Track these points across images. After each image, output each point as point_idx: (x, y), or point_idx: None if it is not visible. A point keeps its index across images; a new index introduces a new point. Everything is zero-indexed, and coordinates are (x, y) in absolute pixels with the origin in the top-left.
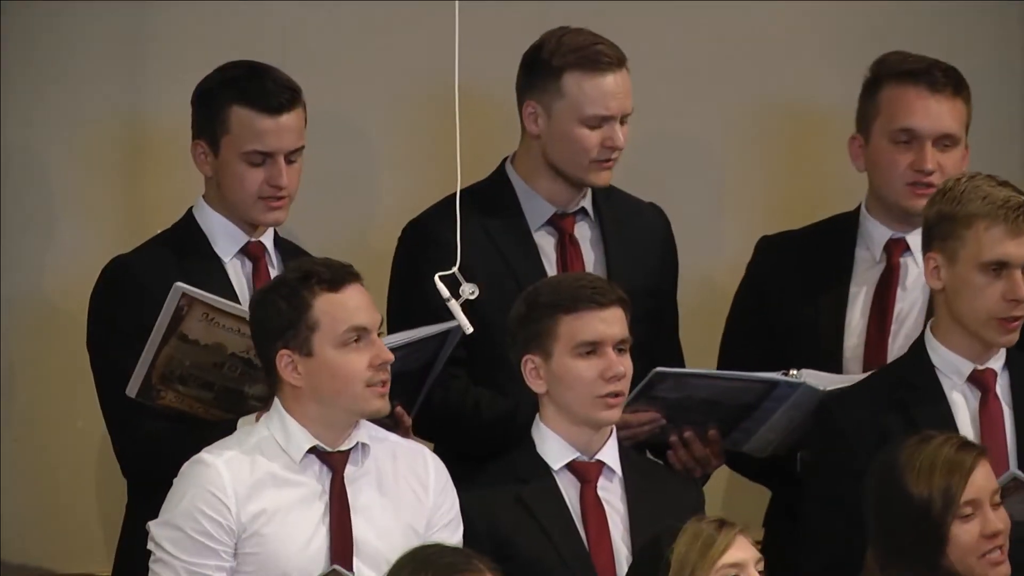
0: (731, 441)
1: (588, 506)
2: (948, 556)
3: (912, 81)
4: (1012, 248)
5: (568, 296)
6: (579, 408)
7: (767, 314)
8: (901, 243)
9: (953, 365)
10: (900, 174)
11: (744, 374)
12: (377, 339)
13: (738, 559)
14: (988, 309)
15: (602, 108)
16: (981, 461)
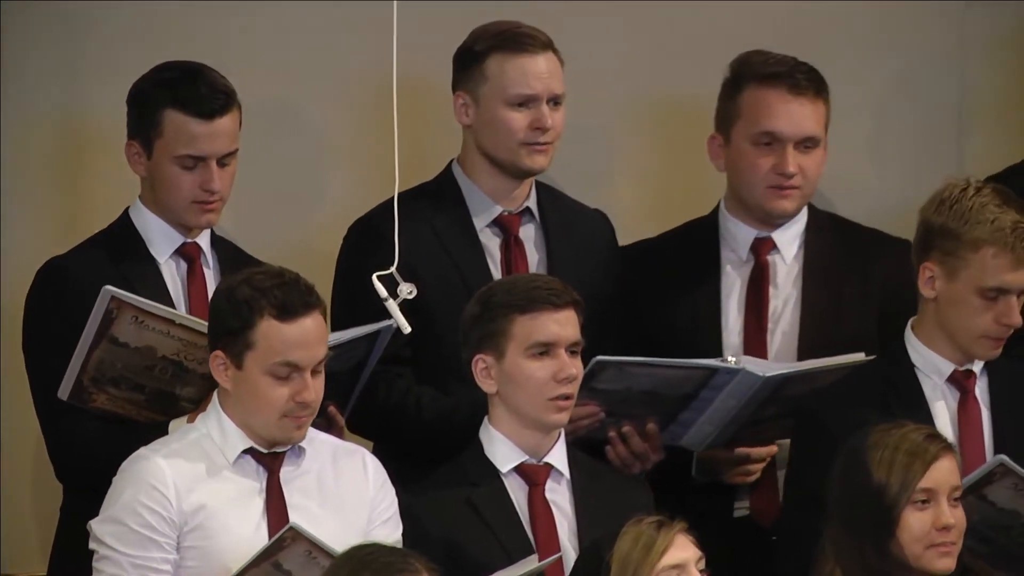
0: (669, 435)
1: (536, 509)
2: (897, 541)
3: (774, 84)
4: (1014, 277)
5: (523, 296)
6: (529, 409)
7: (641, 323)
8: (767, 242)
9: (934, 365)
10: (762, 177)
11: (684, 360)
12: (308, 377)
13: (679, 559)
14: (980, 330)
15: (525, 87)
16: (946, 454)
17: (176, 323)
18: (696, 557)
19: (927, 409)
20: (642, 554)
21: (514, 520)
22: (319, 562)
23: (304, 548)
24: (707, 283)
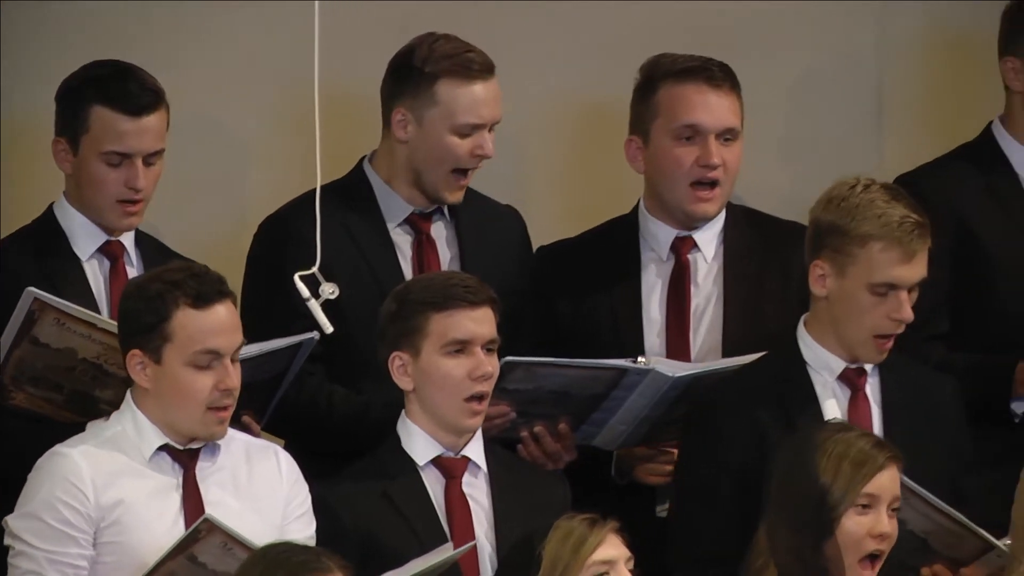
0: (582, 435)
1: (453, 502)
2: (835, 542)
3: (691, 78)
4: (903, 271)
5: (440, 294)
6: (444, 409)
7: (559, 323)
8: (688, 241)
9: (825, 363)
10: (685, 172)
11: (593, 361)
12: (228, 364)
13: (609, 556)
14: (871, 326)
15: (475, 116)
16: (893, 464)
17: (98, 327)
18: (626, 556)
19: (818, 406)
20: (573, 550)
21: (430, 513)
22: (235, 554)
23: (220, 540)
24: (628, 283)
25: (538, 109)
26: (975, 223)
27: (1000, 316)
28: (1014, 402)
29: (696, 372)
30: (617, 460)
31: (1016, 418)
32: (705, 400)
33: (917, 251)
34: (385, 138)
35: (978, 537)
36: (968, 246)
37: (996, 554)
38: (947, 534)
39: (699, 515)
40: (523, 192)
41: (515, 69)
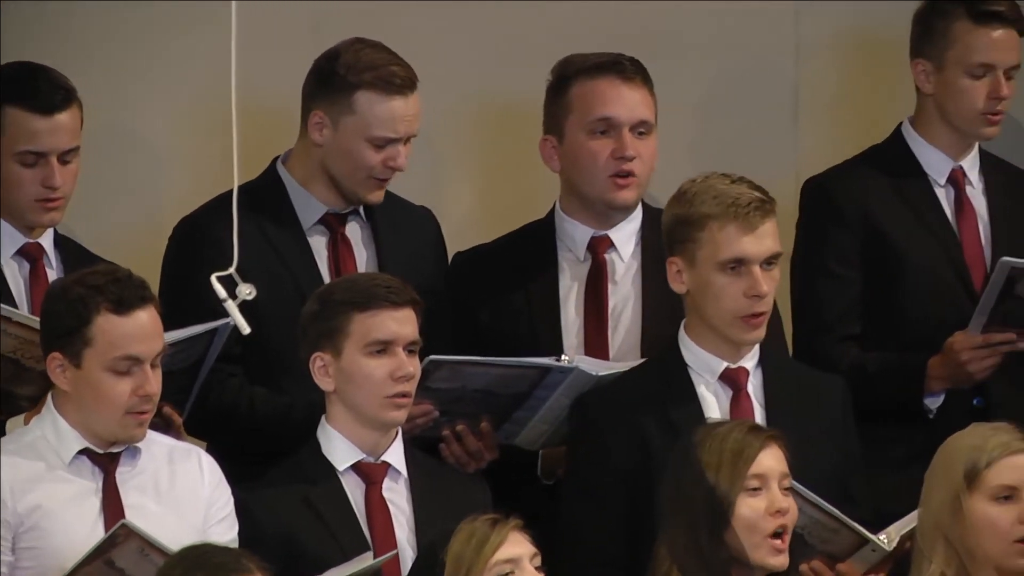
0: (504, 433)
1: (373, 507)
2: (733, 531)
3: (603, 73)
4: (748, 245)
5: (363, 294)
6: (367, 408)
7: (477, 328)
8: (604, 240)
9: (705, 363)
10: (602, 166)
11: (518, 360)
12: (148, 369)
13: (512, 555)
14: (732, 308)
15: (391, 131)
16: (771, 443)
17: (13, 320)
18: (531, 553)
19: (700, 408)
20: (475, 550)
21: (351, 518)
22: (152, 559)
23: (137, 545)
24: (545, 284)
25: (452, 110)
26: (885, 224)
27: (911, 316)
28: (927, 398)
29: (619, 371)
30: (543, 460)
31: (930, 414)
32: (589, 405)
33: (757, 224)
34: (302, 138)
35: (853, 532)
36: (878, 247)
37: (871, 548)
38: (822, 528)
39: (587, 520)
40: (437, 194)
41: (429, 70)
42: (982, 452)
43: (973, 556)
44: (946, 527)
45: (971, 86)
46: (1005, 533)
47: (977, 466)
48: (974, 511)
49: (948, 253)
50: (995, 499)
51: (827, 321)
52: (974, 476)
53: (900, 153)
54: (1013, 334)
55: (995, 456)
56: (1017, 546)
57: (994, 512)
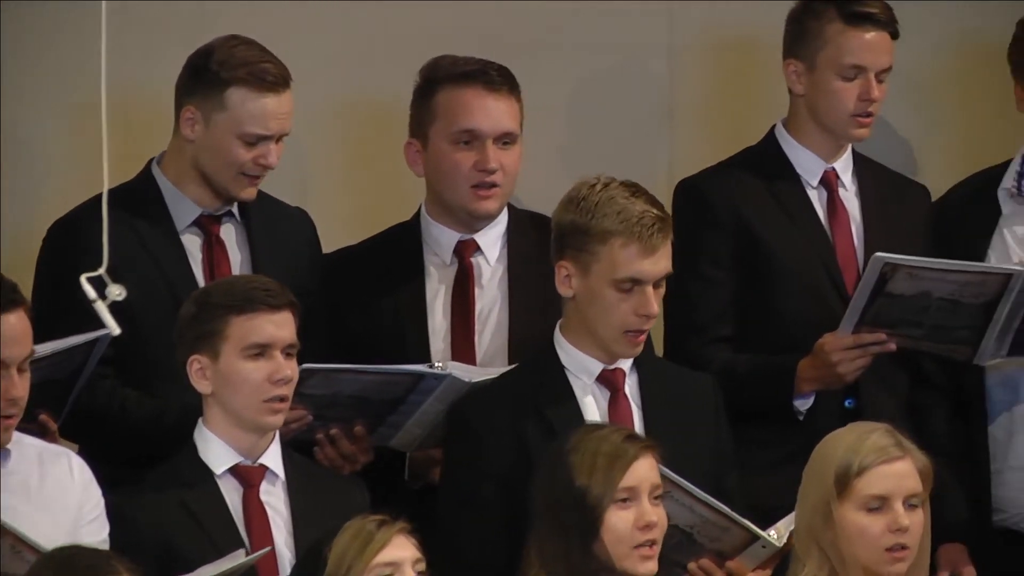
0: (378, 437)
1: (251, 510)
2: (602, 542)
3: (469, 82)
4: (645, 266)
5: (240, 297)
6: (244, 411)
7: (346, 330)
8: (471, 244)
9: (582, 365)
10: (464, 176)
11: (391, 367)
12: (14, 374)
13: (395, 558)
14: (619, 324)
15: (262, 128)
16: (646, 453)
17: None
18: (414, 558)
19: (578, 410)
20: (358, 550)
21: (228, 521)
22: (24, 556)
23: (9, 543)
24: (412, 288)
25: (321, 110)
26: (758, 226)
27: (783, 318)
28: (797, 400)
29: (492, 377)
30: (411, 463)
31: (800, 416)
32: (464, 408)
33: (658, 246)
34: (175, 137)
35: (742, 528)
36: (751, 249)
37: (761, 544)
38: (711, 526)
39: (463, 524)
40: (306, 194)
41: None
42: (855, 457)
43: (844, 562)
44: (818, 532)
45: (842, 88)
46: (875, 541)
47: (849, 473)
48: (844, 519)
49: (820, 255)
50: (866, 508)
51: (699, 323)
52: (845, 483)
53: (773, 155)
54: (883, 334)
55: (867, 463)
56: (888, 554)
57: (864, 521)
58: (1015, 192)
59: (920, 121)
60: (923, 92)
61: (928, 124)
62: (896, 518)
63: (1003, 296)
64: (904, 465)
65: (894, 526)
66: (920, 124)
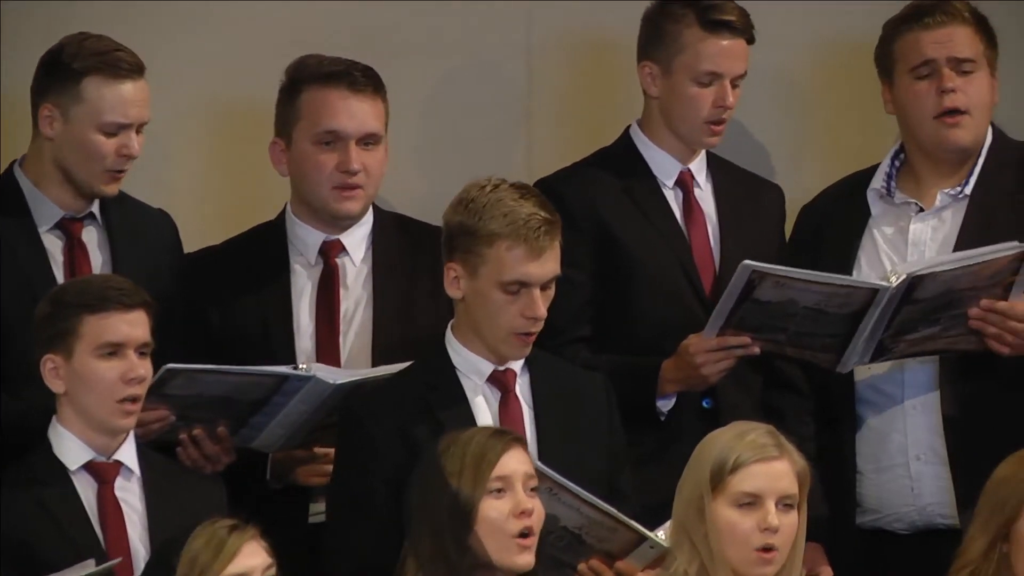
0: (241, 438)
1: (105, 507)
2: (476, 535)
3: (333, 83)
4: (532, 268)
5: (94, 296)
6: (97, 410)
7: (210, 330)
8: (336, 244)
9: (473, 366)
10: (327, 176)
11: (256, 368)
12: None
13: (246, 567)
14: (507, 326)
15: (121, 116)
16: (515, 445)
17: None
18: (265, 565)
19: (469, 411)
20: (211, 556)
21: (83, 518)
22: None
23: None
24: (277, 288)
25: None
26: (615, 227)
27: (640, 318)
28: (659, 400)
29: (357, 379)
30: (273, 464)
31: (662, 416)
32: (356, 409)
33: (545, 248)
34: (35, 138)
35: (630, 529)
36: (608, 250)
37: (649, 545)
38: (599, 527)
39: (354, 525)
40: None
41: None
42: (731, 454)
43: (713, 558)
44: (691, 526)
45: (697, 94)
46: (745, 540)
47: (723, 469)
48: (716, 515)
49: (677, 255)
50: (737, 505)
51: (556, 324)
52: (720, 479)
53: (629, 155)
54: (748, 337)
55: (743, 460)
56: (757, 554)
57: (735, 517)
58: (884, 193)
59: (790, 124)
60: (792, 95)
61: (798, 127)
62: (767, 517)
63: (868, 309)
64: (780, 465)
65: (764, 525)
66: (790, 127)
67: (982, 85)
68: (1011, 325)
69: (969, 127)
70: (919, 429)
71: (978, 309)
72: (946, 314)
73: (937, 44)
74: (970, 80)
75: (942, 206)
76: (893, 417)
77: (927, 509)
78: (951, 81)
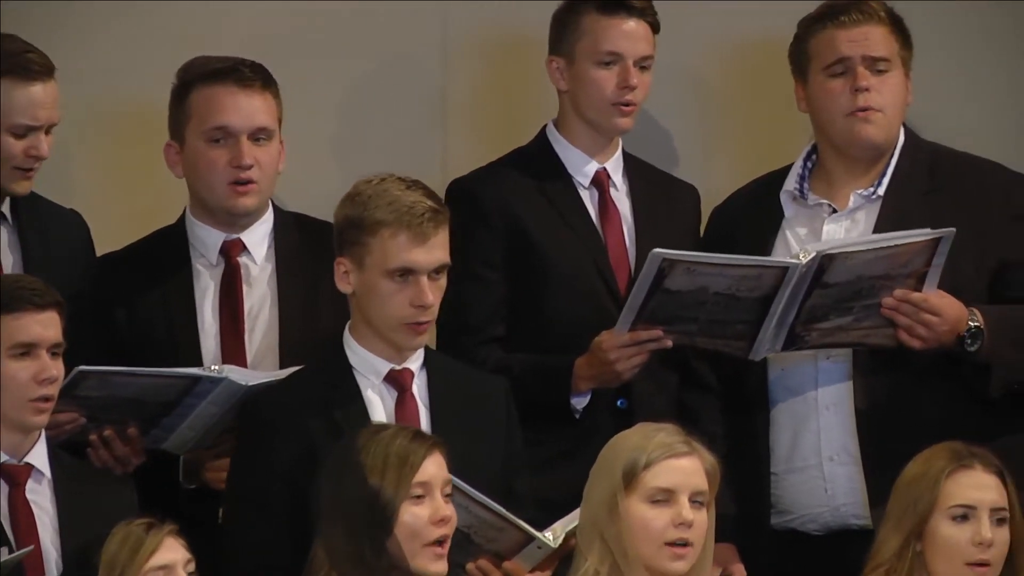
0: (151, 439)
1: (16, 508)
2: (395, 539)
3: (221, 80)
4: (417, 255)
5: (6, 296)
6: (10, 411)
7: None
8: (237, 243)
9: (370, 365)
10: (220, 173)
11: (167, 370)
12: None
13: (166, 560)
14: (397, 315)
15: (31, 118)
16: (435, 450)
17: None
18: (185, 559)
19: (365, 410)
20: (129, 555)
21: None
22: None
23: None
24: (181, 289)
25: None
26: (530, 226)
27: (556, 318)
28: (574, 398)
29: (269, 381)
30: (184, 464)
31: (576, 414)
32: (254, 408)
33: (430, 235)
34: None
35: (518, 529)
36: (523, 249)
37: (537, 546)
38: (488, 527)
39: (253, 525)
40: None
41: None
42: (642, 452)
43: (626, 556)
44: (602, 525)
45: (600, 76)
46: (658, 535)
47: (636, 466)
48: (629, 511)
49: (592, 255)
50: (651, 501)
51: (471, 323)
52: (632, 476)
53: (545, 155)
54: (659, 331)
55: (655, 457)
56: (668, 549)
57: (649, 513)
58: (797, 195)
59: (699, 124)
60: (705, 94)
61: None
62: (680, 512)
63: (779, 289)
64: (691, 462)
65: (677, 520)
66: (699, 126)
67: (896, 85)
68: (923, 317)
69: (881, 124)
70: (832, 429)
71: (892, 299)
72: (859, 303)
73: (852, 43)
74: (884, 79)
75: (855, 207)
76: (807, 417)
77: (841, 510)
78: (865, 80)
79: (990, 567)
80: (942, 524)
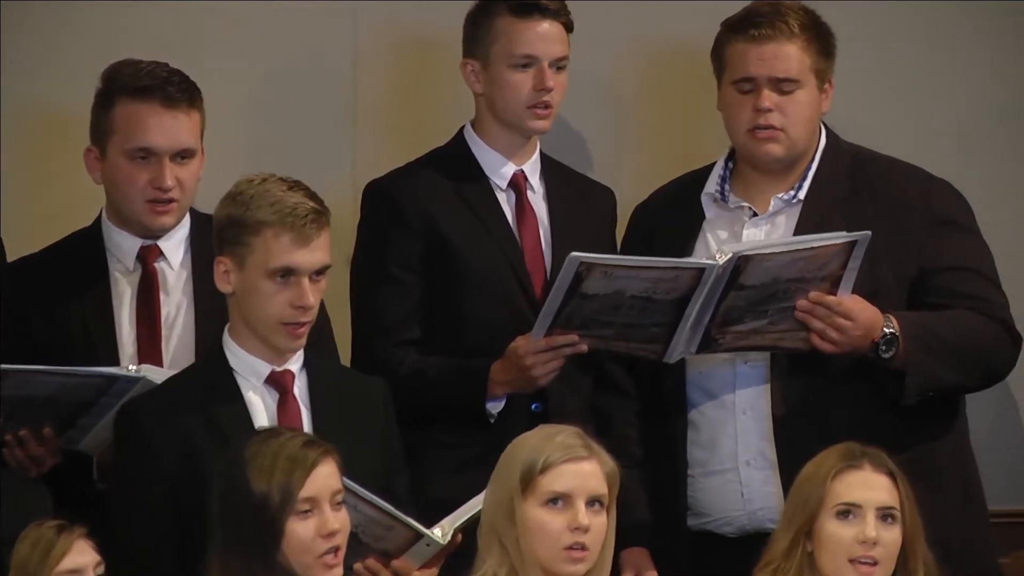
0: (67, 439)
1: None
2: (284, 553)
3: (146, 97)
4: (299, 256)
5: None
6: None
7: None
8: (154, 250)
9: (251, 367)
10: (139, 191)
11: (85, 369)
12: None
13: (77, 564)
14: (276, 315)
15: None
16: (325, 459)
17: None
18: (95, 562)
19: (247, 412)
20: (40, 558)
21: None
22: None
23: None
24: (97, 295)
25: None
26: (447, 228)
27: (471, 321)
28: (489, 403)
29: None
30: (99, 465)
31: (491, 419)
32: (133, 410)
33: (313, 237)
34: None
35: (406, 526)
36: (439, 251)
37: (426, 543)
38: (376, 525)
39: (135, 528)
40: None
41: None
42: (540, 455)
43: (523, 559)
44: (501, 528)
45: (516, 79)
46: (555, 539)
47: (533, 470)
48: (526, 515)
49: (509, 258)
50: (547, 504)
51: (386, 326)
52: (529, 480)
53: (461, 156)
54: (575, 335)
55: (552, 461)
56: (565, 552)
57: (545, 517)
58: (718, 197)
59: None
60: (621, 96)
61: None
62: (576, 516)
63: (695, 291)
64: (589, 466)
65: (574, 524)
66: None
67: (803, 103)
68: (837, 321)
69: (782, 142)
70: (749, 434)
71: (806, 301)
72: (774, 306)
73: (760, 61)
74: (790, 99)
75: (775, 211)
76: (724, 421)
77: (757, 514)
78: (768, 101)
79: (877, 566)
80: (828, 522)
